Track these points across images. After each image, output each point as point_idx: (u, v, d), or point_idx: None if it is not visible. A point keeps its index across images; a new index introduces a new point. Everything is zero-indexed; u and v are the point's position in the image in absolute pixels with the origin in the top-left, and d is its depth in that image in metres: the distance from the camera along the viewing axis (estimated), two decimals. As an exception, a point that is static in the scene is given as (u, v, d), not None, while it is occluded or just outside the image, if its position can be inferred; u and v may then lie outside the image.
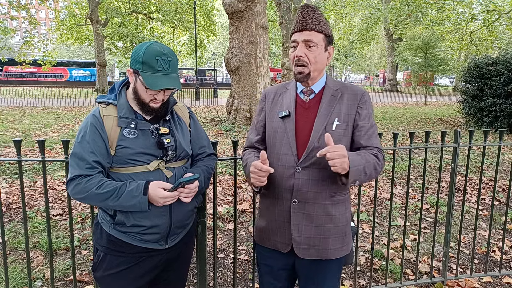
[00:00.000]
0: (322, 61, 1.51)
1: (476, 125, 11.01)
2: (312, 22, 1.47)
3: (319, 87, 1.56)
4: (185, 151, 1.57)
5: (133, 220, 1.46)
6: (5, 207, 4.18)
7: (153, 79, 1.39)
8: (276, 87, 1.68)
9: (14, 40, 47.68)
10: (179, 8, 23.31)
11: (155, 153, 1.48)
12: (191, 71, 47.67)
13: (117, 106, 1.49)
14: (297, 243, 1.52)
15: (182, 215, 1.56)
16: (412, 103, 22.06)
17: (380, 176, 5.73)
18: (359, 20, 30.20)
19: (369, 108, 1.55)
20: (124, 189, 1.40)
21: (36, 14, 24.59)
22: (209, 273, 2.79)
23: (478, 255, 3.37)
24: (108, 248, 1.52)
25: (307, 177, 1.49)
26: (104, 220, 1.54)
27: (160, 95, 1.46)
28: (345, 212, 1.58)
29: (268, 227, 1.60)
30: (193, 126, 1.69)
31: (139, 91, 1.45)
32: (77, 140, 1.47)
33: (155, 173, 1.48)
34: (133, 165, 1.46)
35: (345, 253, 1.59)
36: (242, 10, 8.71)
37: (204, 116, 14.07)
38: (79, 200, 1.45)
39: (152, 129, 1.49)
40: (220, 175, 5.60)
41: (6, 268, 2.15)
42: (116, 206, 1.42)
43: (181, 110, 1.66)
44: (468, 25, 19.97)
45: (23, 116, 13.28)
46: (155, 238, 1.52)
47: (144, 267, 1.55)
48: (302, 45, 1.47)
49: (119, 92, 1.53)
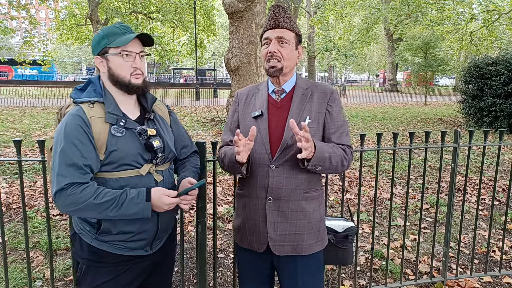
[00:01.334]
0: (293, 58, 1.57)
1: (476, 125, 11.01)
2: (284, 20, 1.53)
3: (289, 86, 1.60)
4: (173, 152, 1.52)
5: (120, 226, 1.39)
6: (5, 207, 4.18)
7: (124, 37, 1.35)
8: (248, 88, 1.72)
9: (14, 40, 47.67)
10: (179, 8, 23.30)
11: (145, 156, 1.41)
12: (191, 71, 47.68)
13: (104, 101, 1.39)
14: (273, 241, 1.54)
15: (168, 219, 1.52)
16: (412, 103, 22.06)
17: (380, 176, 5.74)
18: (359, 20, 30.21)
19: (338, 106, 1.60)
20: (125, 197, 1.31)
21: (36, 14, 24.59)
22: (209, 273, 2.79)
23: (478, 255, 3.37)
24: (90, 260, 1.43)
25: (281, 174, 1.52)
26: (83, 231, 1.43)
27: (138, 62, 1.39)
28: (319, 208, 1.61)
29: (244, 226, 1.62)
30: (174, 124, 1.63)
31: (117, 69, 1.37)
32: (59, 145, 1.30)
33: (147, 178, 1.41)
34: (123, 169, 1.37)
35: (320, 248, 1.62)
36: (242, 10, 8.71)
37: (204, 116, 14.07)
38: (71, 212, 1.30)
39: (139, 130, 1.41)
40: (220, 175, 5.60)
41: (6, 268, 2.15)
42: (116, 216, 1.32)
43: (161, 109, 1.60)
44: (468, 25, 19.97)
45: (23, 116, 13.28)
46: (141, 244, 1.45)
47: (130, 275, 1.48)
48: (275, 41, 1.52)
49: (102, 88, 1.43)
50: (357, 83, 59.35)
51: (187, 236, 3.66)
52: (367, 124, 12.33)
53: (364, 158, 6.77)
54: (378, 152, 2.53)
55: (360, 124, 12.32)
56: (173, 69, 48.13)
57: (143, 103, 1.50)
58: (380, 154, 4.33)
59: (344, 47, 29.02)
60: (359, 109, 18.37)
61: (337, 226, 1.79)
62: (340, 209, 2.68)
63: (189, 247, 3.43)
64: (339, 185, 5.29)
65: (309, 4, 29.28)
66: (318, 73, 54.15)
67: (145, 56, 1.46)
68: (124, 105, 1.45)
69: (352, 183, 5.45)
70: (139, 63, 1.41)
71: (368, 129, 10.98)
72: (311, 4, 29.52)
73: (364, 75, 72.01)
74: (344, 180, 2.30)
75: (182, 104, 20.30)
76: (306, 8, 28.52)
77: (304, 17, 31.03)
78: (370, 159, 6.81)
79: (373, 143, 8.33)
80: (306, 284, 1.59)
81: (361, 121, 13.14)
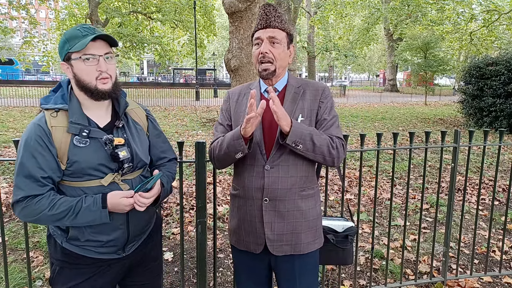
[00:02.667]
0: (285, 58, 1.55)
1: (476, 125, 11.01)
2: (275, 20, 1.51)
3: (281, 85, 1.59)
4: (142, 161, 1.45)
5: (87, 235, 1.36)
6: (5, 207, 4.18)
7: (82, 40, 1.27)
8: (240, 88, 1.70)
9: (14, 40, 47.66)
10: (179, 8, 23.27)
11: (110, 165, 1.35)
12: (191, 71, 47.67)
13: (68, 110, 1.33)
14: (271, 241, 1.54)
15: (140, 225, 1.48)
16: (412, 103, 22.06)
17: (380, 176, 5.74)
18: (359, 20, 30.20)
19: (329, 102, 1.59)
20: (80, 206, 1.28)
21: (36, 14, 24.58)
22: (209, 273, 2.79)
23: (478, 255, 3.37)
24: (63, 261, 1.41)
25: (276, 174, 1.51)
26: (56, 233, 1.42)
27: (103, 64, 1.30)
28: (315, 206, 1.60)
29: (240, 227, 1.61)
30: (152, 130, 1.56)
31: (82, 74, 1.30)
32: (19, 155, 1.29)
33: (110, 187, 1.36)
34: (86, 179, 1.33)
35: (318, 246, 1.62)
36: (242, 10, 8.71)
37: (204, 116, 14.07)
38: (30, 222, 1.31)
39: (105, 140, 1.34)
40: (220, 175, 5.60)
41: (6, 268, 2.15)
42: (74, 224, 1.30)
43: (137, 113, 1.51)
44: (468, 25, 19.97)
45: (23, 116, 13.28)
46: (111, 250, 1.43)
47: (103, 278, 1.45)
48: (267, 41, 1.49)
49: (69, 93, 1.36)
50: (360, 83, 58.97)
51: (187, 236, 3.66)
52: (367, 124, 12.33)
53: (364, 158, 6.77)
54: (378, 152, 2.53)
55: (360, 124, 12.32)
56: (173, 69, 48.11)
57: (116, 108, 1.43)
58: (380, 154, 4.33)
59: (344, 47, 29.04)
60: (359, 109, 18.37)
61: (337, 226, 1.79)
62: (340, 209, 2.68)
63: (189, 247, 3.43)
64: (339, 185, 5.29)
65: (309, 4, 29.28)
66: (318, 73, 54.14)
67: (114, 57, 1.37)
68: (93, 111, 1.38)
69: (352, 183, 5.45)
70: (104, 65, 1.31)
71: (368, 129, 10.98)
72: (311, 4, 29.52)
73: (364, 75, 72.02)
74: (344, 180, 2.30)
75: (182, 104, 20.31)
76: (306, 8, 28.52)
77: (304, 17, 31.03)
78: (370, 159, 6.81)
79: (373, 143, 8.33)
80: (304, 284, 1.59)
81: (361, 121, 13.14)
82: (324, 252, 1.74)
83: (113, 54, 1.37)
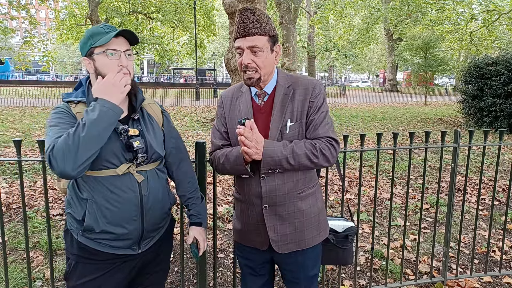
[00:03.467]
0: (270, 63, 1.48)
1: (476, 125, 11.01)
2: (254, 26, 1.41)
3: (271, 87, 1.54)
4: (157, 152, 1.48)
5: (102, 225, 1.38)
6: (5, 207, 4.18)
7: (107, 35, 1.35)
8: (232, 90, 1.65)
9: (14, 40, 47.64)
10: (179, 8, 23.27)
11: (125, 155, 1.39)
12: (191, 71, 47.67)
13: (86, 102, 1.40)
14: (275, 242, 1.54)
15: (155, 219, 1.49)
16: (412, 103, 22.06)
17: (380, 176, 5.74)
18: (359, 20, 30.20)
19: (320, 100, 1.51)
20: (86, 117, 1.27)
21: (36, 14, 24.57)
22: (209, 273, 2.79)
23: (478, 255, 3.37)
24: (79, 256, 1.44)
25: (273, 182, 1.49)
26: (72, 227, 1.45)
27: (124, 60, 1.37)
28: (316, 203, 1.60)
29: (244, 229, 1.62)
30: (166, 126, 1.60)
31: (103, 68, 1.37)
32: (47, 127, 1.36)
33: (125, 177, 1.39)
34: (100, 168, 1.36)
35: (322, 238, 1.63)
36: (242, 10, 8.68)
37: (204, 116, 14.07)
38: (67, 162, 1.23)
39: (120, 130, 1.39)
40: (220, 175, 5.60)
41: (6, 268, 2.15)
42: (92, 133, 1.24)
43: (153, 108, 1.57)
44: (468, 25, 19.96)
45: (23, 116, 13.28)
46: (126, 244, 1.45)
47: (117, 274, 1.47)
48: (248, 51, 1.43)
49: (87, 88, 1.44)
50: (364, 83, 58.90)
51: (187, 236, 3.66)
52: (367, 124, 12.33)
53: (364, 158, 6.77)
54: (378, 152, 2.53)
55: (360, 124, 12.32)
56: (173, 69, 48.14)
57: (133, 102, 1.49)
58: (380, 154, 4.33)
59: (344, 47, 29.04)
60: (359, 109, 18.37)
61: (337, 226, 1.79)
62: (340, 209, 2.68)
63: (189, 247, 3.43)
64: (339, 185, 5.29)
65: (309, 4, 29.28)
66: (318, 73, 54.14)
67: (133, 55, 1.44)
68: None
69: (352, 183, 5.45)
70: (125, 61, 1.38)
71: (368, 129, 10.98)
72: (311, 4, 29.52)
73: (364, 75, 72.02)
74: (344, 180, 2.30)
75: (182, 104, 20.31)
76: (306, 8, 28.52)
77: (304, 17, 31.02)
78: (370, 159, 6.81)
79: (373, 143, 8.33)
80: (307, 276, 1.62)
81: (361, 121, 13.14)
82: (324, 252, 1.74)
83: (132, 52, 1.43)
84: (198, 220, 1.70)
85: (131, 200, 1.40)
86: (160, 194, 1.50)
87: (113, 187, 1.38)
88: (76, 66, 58.23)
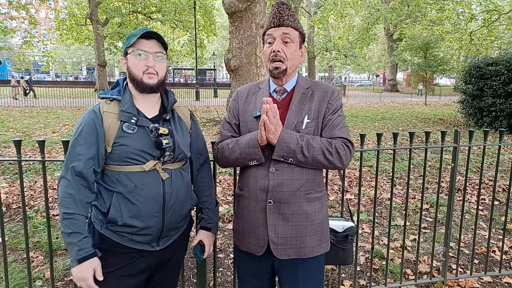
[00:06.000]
0: (297, 58, 1.53)
1: (476, 125, 11.02)
2: (288, 18, 1.48)
3: (291, 85, 1.57)
4: (183, 153, 1.54)
5: (125, 218, 1.44)
6: (5, 207, 4.18)
7: (135, 37, 1.43)
8: (249, 86, 1.67)
9: (14, 40, 47.65)
10: (179, 8, 23.28)
11: (153, 153, 1.46)
12: (191, 71, 47.68)
13: (121, 100, 1.48)
14: (274, 244, 1.51)
15: (175, 218, 1.53)
16: (412, 103, 22.07)
17: (380, 176, 5.74)
18: (359, 20, 30.22)
19: (338, 104, 1.56)
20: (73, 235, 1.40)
21: (36, 14, 24.56)
22: (209, 273, 2.79)
23: (478, 255, 3.37)
24: (99, 248, 1.48)
25: (281, 177, 1.48)
26: (96, 219, 1.51)
27: (151, 60, 1.44)
28: (321, 209, 1.57)
29: (243, 228, 1.59)
30: (194, 129, 1.68)
31: (133, 67, 1.45)
32: (73, 137, 1.46)
33: (151, 174, 1.45)
34: (128, 163, 1.43)
35: (323, 250, 1.58)
36: (242, 10, 8.70)
37: (204, 116, 14.07)
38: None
39: (151, 128, 1.47)
40: (220, 175, 5.60)
41: (6, 268, 2.15)
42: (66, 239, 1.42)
43: (183, 111, 1.65)
44: (468, 25, 19.97)
45: (23, 116, 13.29)
46: (146, 239, 1.49)
47: (135, 268, 1.52)
48: (279, 40, 1.48)
49: (124, 87, 1.52)
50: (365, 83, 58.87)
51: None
52: (367, 124, 12.33)
53: (364, 158, 6.78)
54: (378, 152, 2.53)
55: (360, 124, 12.33)
56: (173, 69, 48.15)
57: (164, 103, 1.56)
58: (380, 154, 4.33)
59: (344, 47, 29.04)
60: (359, 109, 18.38)
61: (337, 226, 1.78)
62: (340, 209, 2.68)
63: (189, 247, 3.43)
64: (339, 185, 5.29)
65: (309, 4, 29.30)
66: (318, 73, 54.15)
67: (165, 59, 1.50)
68: (143, 104, 1.51)
69: (352, 183, 5.45)
70: (152, 62, 1.45)
71: (368, 129, 10.98)
72: (311, 4, 29.54)
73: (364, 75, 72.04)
74: (344, 180, 2.30)
75: (182, 104, 20.28)
76: (306, 8, 28.54)
77: (304, 17, 31.03)
78: (370, 159, 6.81)
79: (373, 143, 8.33)
80: (308, 287, 1.57)
81: (361, 121, 13.15)
82: (324, 255, 1.74)
83: (164, 56, 1.50)
84: (208, 225, 1.73)
85: (154, 196, 1.45)
86: (183, 194, 1.54)
87: (139, 182, 1.44)
88: (76, 66, 58.26)
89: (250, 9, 8.72)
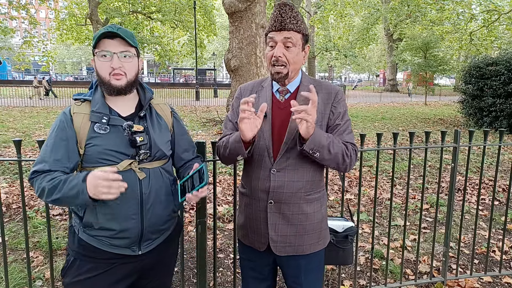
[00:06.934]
0: (299, 61, 1.50)
1: (476, 125, 11.02)
2: (290, 21, 1.44)
3: (294, 86, 1.55)
4: (161, 151, 1.47)
5: (101, 222, 1.38)
6: (5, 207, 4.18)
7: (96, 38, 1.36)
8: (252, 84, 1.66)
9: (14, 40, 47.64)
10: (179, 8, 23.28)
11: (127, 152, 1.39)
12: (191, 71, 47.67)
13: (92, 100, 1.42)
14: (274, 242, 1.54)
15: (155, 219, 1.45)
16: (412, 103, 22.07)
17: (380, 176, 5.74)
18: (359, 20, 30.22)
19: (343, 107, 1.55)
20: (67, 179, 1.31)
21: (36, 14, 24.56)
22: (209, 273, 2.79)
23: (478, 255, 3.37)
24: (78, 253, 1.44)
25: (282, 178, 1.49)
26: (75, 223, 1.46)
27: (116, 61, 1.36)
28: (320, 209, 1.59)
29: (246, 224, 1.62)
30: (176, 126, 1.60)
31: (98, 69, 1.39)
32: (48, 138, 1.44)
33: (127, 174, 1.37)
34: (102, 164, 1.37)
35: (321, 247, 1.61)
36: (242, 10, 8.70)
37: (204, 116, 14.07)
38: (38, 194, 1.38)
39: (124, 126, 1.40)
40: (220, 175, 5.60)
41: (6, 268, 2.15)
42: (62, 199, 1.30)
43: (162, 109, 1.58)
44: (468, 25, 19.97)
45: (23, 116, 13.28)
46: (125, 243, 1.42)
47: (115, 275, 1.45)
48: (281, 45, 1.44)
49: (95, 88, 1.47)
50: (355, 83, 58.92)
51: (187, 236, 3.66)
52: (367, 124, 12.33)
53: (364, 158, 6.78)
54: (378, 152, 2.53)
55: (360, 124, 12.33)
56: (173, 69, 48.15)
57: (142, 102, 1.50)
58: (380, 154, 4.33)
59: (344, 47, 29.05)
60: (359, 109, 18.38)
61: (337, 226, 1.79)
62: (340, 209, 2.68)
63: (189, 247, 3.43)
64: (339, 185, 5.29)
65: (309, 4, 29.29)
66: (318, 73, 54.16)
67: (133, 56, 1.41)
68: (116, 103, 1.45)
69: (352, 183, 5.45)
70: (117, 63, 1.36)
71: (368, 129, 10.98)
72: (311, 4, 29.53)
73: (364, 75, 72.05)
74: (344, 180, 2.30)
75: (182, 104, 20.31)
76: (306, 8, 28.53)
77: (304, 17, 31.04)
78: (370, 159, 6.81)
79: (373, 143, 8.33)
80: (309, 281, 1.61)
81: (361, 121, 13.15)
82: (324, 252, 1.74)
83: (132, 53, 1.41)
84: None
85: (131, 197, 1.38)
86: (163, 195, 1.47)
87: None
88: (76, 66, 58.25)
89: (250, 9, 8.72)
